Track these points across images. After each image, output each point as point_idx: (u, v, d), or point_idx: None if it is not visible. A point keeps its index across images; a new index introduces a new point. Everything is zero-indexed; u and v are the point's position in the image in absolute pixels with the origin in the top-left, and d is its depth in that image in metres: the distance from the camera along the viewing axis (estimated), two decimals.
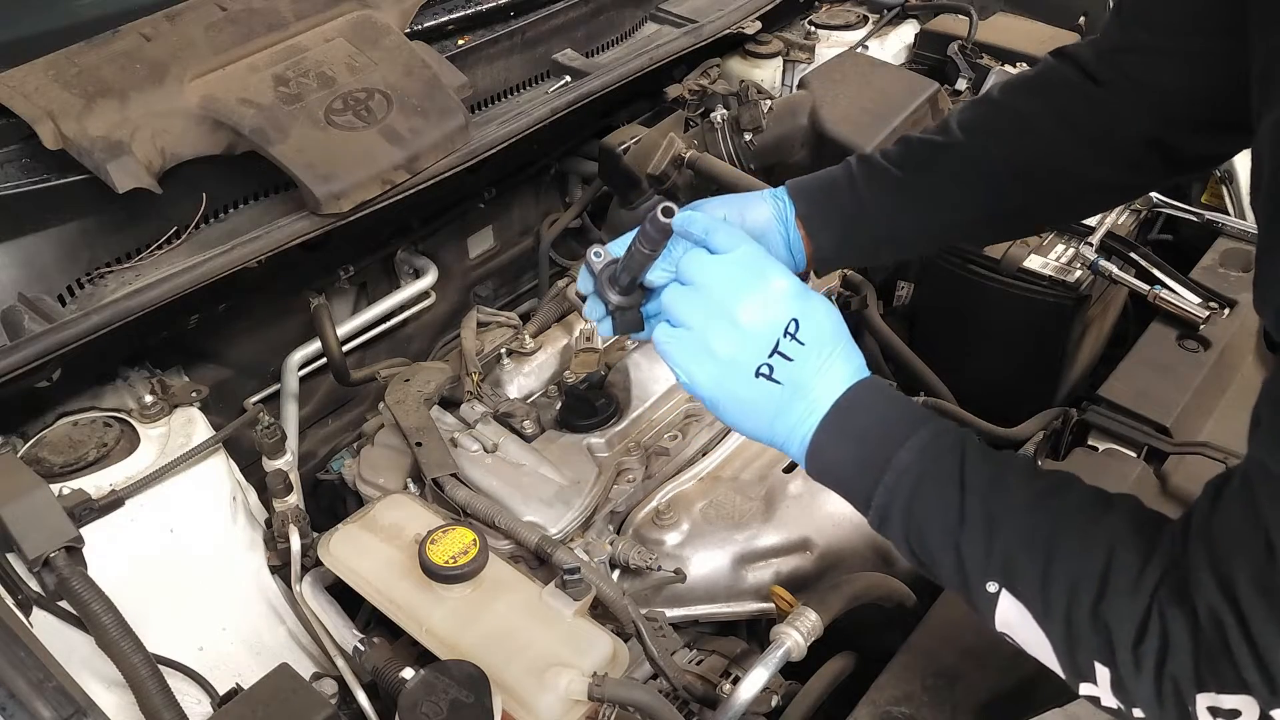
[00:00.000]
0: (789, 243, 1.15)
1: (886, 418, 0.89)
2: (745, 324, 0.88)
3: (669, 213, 0.89)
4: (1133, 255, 1.73)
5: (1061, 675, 0.81)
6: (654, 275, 0.96)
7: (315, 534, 1.27)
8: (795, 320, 0.88)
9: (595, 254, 0.98)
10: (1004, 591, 0.81)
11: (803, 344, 0.88)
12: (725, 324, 0.88)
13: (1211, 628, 0.71)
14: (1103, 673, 0.77)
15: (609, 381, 1.42)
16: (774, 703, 1.16)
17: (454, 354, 1.54)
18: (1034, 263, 1.75)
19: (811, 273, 1.25)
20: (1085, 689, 0.80)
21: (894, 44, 2.24)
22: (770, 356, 0.87)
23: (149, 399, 1.32)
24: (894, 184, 1.16)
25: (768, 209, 1.14)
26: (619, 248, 0.99)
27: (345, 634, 1.18)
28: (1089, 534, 0.79)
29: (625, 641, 1.12)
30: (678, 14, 1.95)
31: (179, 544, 1.23)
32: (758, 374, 0.88)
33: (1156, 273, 1.69)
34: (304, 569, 1.25)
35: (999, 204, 1.17)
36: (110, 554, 1.15)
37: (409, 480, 1.33)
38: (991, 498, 0.83)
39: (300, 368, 1.63)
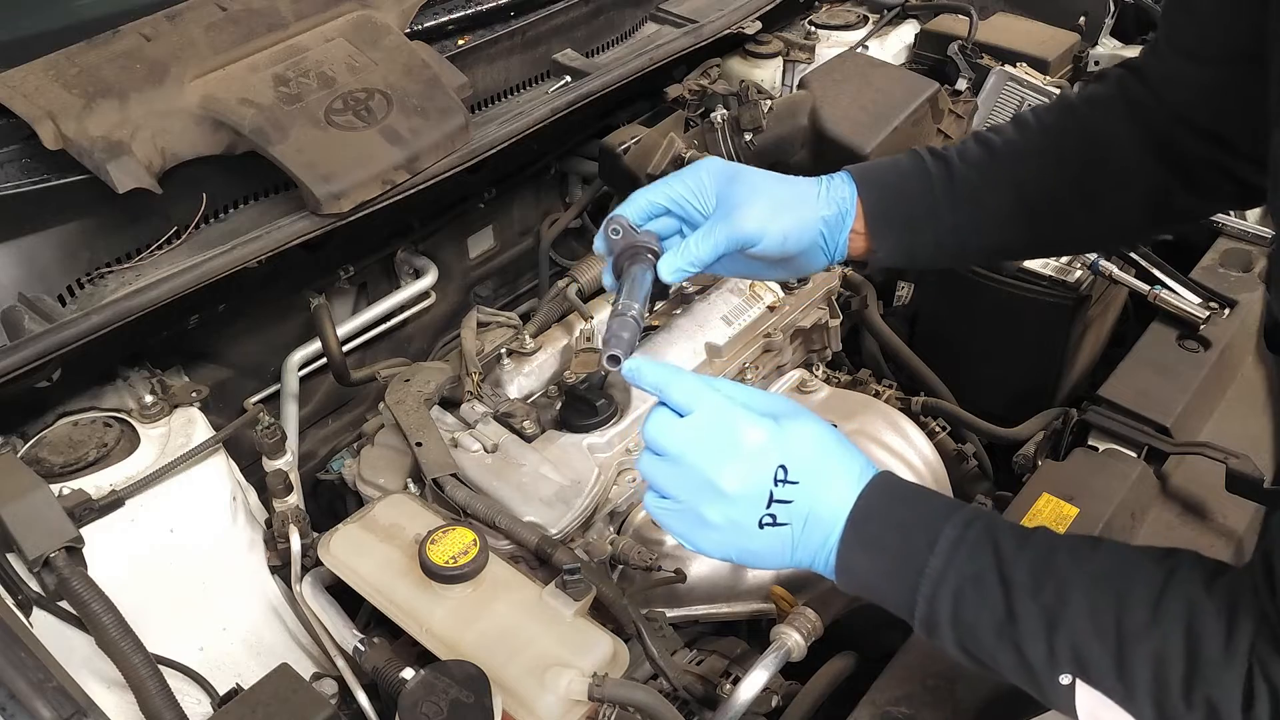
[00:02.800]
0: (829, 249, 1.11)
1: (906, 520, 0.86)
2: (733, 492, 0.85)
3: (615, 361, 0.87)
4: (1133, 255, 1.73)
5: None
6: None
7: (315, 534, 1.27)
8: (782, 466, 0.85)
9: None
10: (1079, 682, 0.78)
11: (797, 482, 0.85)
12: (712, 496, 0.85)
13: None
14: None
15: (609, 381, 1.41)
16: (774, 703, 1.16)
17: (454, 354, 1.54)
18: (1034, 263, 1.74)
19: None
20: None
21: (894, 44, 2.24)
22: (769, 507, 0.85)
23: (149, 399, 1.31)
24: (973, 195, 1.11)
25: (817, 210, 1.08)
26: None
27: (345, 634, 1.17)
28: (1159, 607, 0.75)
29: (625, 641, 1.12)
30: (678, 14, 1.95)
31: (179, 544, 1.23)
32: (761, 525, 0.85)
33: (1156, 273, 1.68)
34: (304, 569, 1.25)
35: (1071, 219, 1.13)
36: (110, 554, 1.15)
37: (409, 480, 1.33)
38: (1041, 590, 0.79)
39: (300, 368, 1.63)
